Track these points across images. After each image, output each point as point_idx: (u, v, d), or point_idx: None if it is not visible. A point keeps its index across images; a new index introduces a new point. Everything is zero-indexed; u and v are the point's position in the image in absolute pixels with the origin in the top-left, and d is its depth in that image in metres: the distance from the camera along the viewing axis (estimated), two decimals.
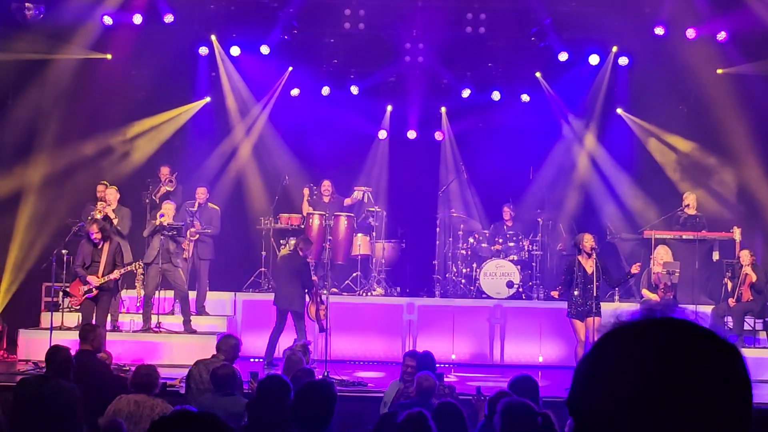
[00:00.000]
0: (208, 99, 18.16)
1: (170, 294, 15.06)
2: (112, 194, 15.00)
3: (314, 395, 5.69)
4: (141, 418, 7.98)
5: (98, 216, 14.37)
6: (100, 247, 13.29)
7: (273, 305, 13.97)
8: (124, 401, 8.12)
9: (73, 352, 9.12)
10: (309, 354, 10.67)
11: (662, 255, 14.63)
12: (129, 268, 13.51)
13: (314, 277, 14.02)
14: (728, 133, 16.72)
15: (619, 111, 18.06)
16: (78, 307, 13.48)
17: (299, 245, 14.09)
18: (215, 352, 10.08)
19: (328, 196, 16.61)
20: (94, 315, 13.19)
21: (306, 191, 16.73)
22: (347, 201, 16.87)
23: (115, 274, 13.27)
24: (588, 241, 12.73)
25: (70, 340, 12.66)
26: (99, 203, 14.96)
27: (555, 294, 13.33)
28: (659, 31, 17.09)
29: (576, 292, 12.65)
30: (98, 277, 13.14)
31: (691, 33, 16.93)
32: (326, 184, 16.68)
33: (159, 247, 14.31)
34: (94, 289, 13.15)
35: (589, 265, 12.63)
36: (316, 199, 16.62)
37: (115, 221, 14.67)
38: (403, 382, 9.87)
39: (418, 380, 9.00)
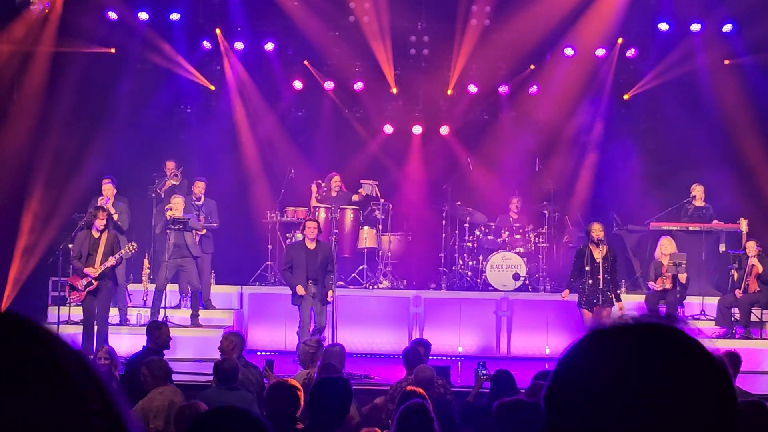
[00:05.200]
0: (212, 87, 18.19)
1: (176, 287, 15.05)
2: (108, 189, 14.94)
3: (331, 391, 5.67)
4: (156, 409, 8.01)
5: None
6: (98, 237, 13.19)
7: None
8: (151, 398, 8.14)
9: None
10: (322, 349, 10.63)
11: (666, 246, 14.58)
12: (123, 251, 13.39)
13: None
14: (735, 124, 16.70)
15: (626, 97, 18.02)
16: (81, 303, 13.36)
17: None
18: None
19: (336, 191, 16.55)
20: (96, 310, 13.12)
21: (314, 187, 16.66)
22: (355, 197, 16.79)
23: (111, 261, 13.12)
24: (595, 231, 12.70)
25: (76, 334, 12.73)
26: (100, 198, 14.91)
27: (565, 295, 13.25)
28: (663, 26, 17.14)
29: (585, 282, 12.66)
30: (95, 268, 13.04)
31: (696, 27, 17.01)
32: (336, 179, 16.62)
33: (174, 240, 14.24)
34: (93, 281, 13.03)
35: (597, 255, 12.60)
36: (324, 194, 16.56)
37: (115, 217, 14.53)
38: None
39: (416, 372, 9.03)
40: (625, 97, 18.05)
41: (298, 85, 18.31)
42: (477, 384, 9.35)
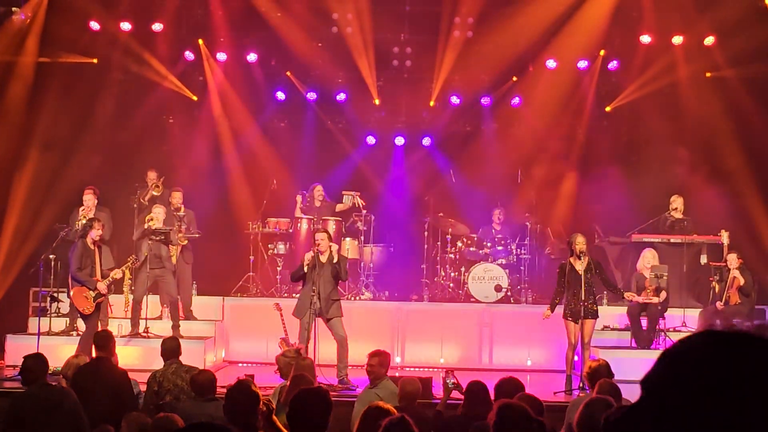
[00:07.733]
0: (195, 98, 18.16)
1: (158, 298, 14.99)
2: (89, 199, 14.88)
3: (310, 403, 5.64)
4: None
5: (83, 220, 14.28)
6: (93, 249, 13.15)
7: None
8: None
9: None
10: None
11: (649, 259, 14.60)
12: (128, 264, 13.40)
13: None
14: (716, 136, 16.76)
15: (608, 109, 18.09)
16: (85, 316, 13.28)
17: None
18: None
19: (320, 201, 16.54)
20: (99, 321, 13.12)
21: (299, 198, 16.64)
22: (339, 207, 16.80)
23: (118, 274, 13.15)
24: (578, 243, 12.69)
25: (57, 345, 12.67)
26: (81, 209, 14.84)
27: (546, 315, 12.94)
28: (645, 39, 17.20)
29: (568, 294, 12.64)
30: (101, 280, 13.05)
31: (677, 39, 17.09)
32: (318, 189, 16.61)
33: (147, 252, 14.21)
34: (101, 294, 13.09)
35: (579, 267, 12.61)
36: (308, 205, 16.55)
37: None
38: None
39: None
40: (607, 109, 18.12)
41: (280, 95, 18.31)
42: (446, 393, 9.33)
